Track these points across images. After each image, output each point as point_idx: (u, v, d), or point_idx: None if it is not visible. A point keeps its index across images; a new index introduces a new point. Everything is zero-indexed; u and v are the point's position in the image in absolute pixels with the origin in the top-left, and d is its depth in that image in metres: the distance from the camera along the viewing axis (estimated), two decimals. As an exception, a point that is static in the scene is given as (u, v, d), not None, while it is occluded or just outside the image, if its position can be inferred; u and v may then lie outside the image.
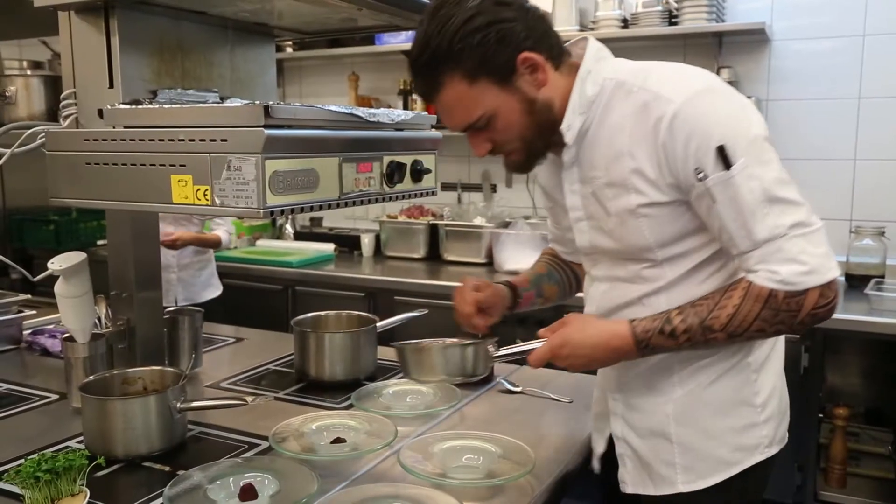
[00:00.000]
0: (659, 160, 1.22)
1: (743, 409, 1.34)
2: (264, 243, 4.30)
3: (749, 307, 1.20)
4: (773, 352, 1.39)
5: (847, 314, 2.75)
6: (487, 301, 1.55)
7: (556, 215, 1.57)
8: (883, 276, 3.12)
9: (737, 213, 1.18)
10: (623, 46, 3.76)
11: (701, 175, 1.18)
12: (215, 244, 3.45)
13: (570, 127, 1.30)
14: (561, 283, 1.66)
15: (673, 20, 3.45)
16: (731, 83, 3.39)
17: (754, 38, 3.47)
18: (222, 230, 3.46)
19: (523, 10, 1.25)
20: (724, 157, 1.16)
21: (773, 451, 1.38)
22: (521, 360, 1.37)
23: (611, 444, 1.48)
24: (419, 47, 1.25)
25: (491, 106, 1.26)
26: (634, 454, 1.41)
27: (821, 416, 2.96)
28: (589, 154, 1.32)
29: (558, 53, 1.30)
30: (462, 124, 1.30)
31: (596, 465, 1.53)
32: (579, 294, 1.61)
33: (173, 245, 3.27)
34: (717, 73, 3.44)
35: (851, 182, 3.38)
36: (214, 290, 3.56)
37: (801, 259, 1.16)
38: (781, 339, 1.42)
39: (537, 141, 1.32)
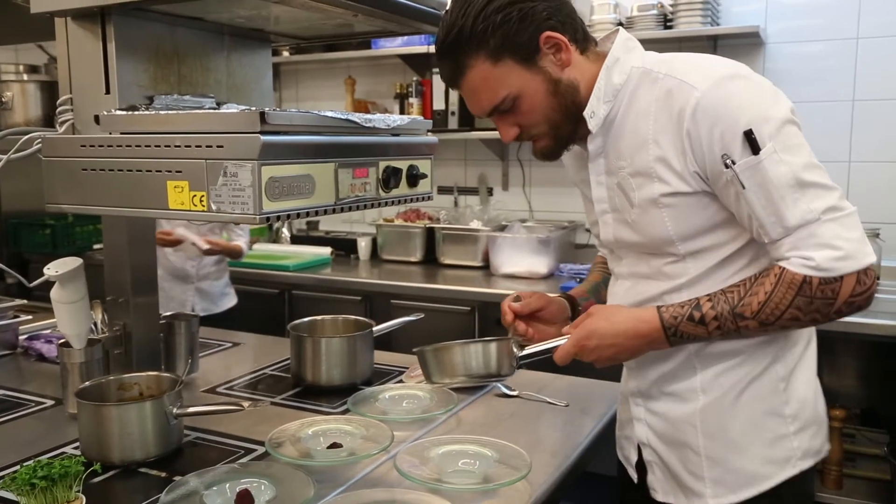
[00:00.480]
0: (684, 148, 1.21)
1: (772, 421, 1.31)
2: (261, 247, 4.29)
3: (782, 294, 1.17)
4: (802, 360, 1.35)
5: (842, 316, 2.75)
6: (530, 305, 1.51)
7: (588, 212, 1.53)
8: (878, 278, 3.12)
9: (767, 200, 1.16)
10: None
11: (728, 161, 1.16)
12: (238, 254, 3.43)
13: (594, 114, 1.30)
14: None
15: (668, 23, 3.46)
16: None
17: (749, 41, 3.48)
18: (242, 241, 3.44)
19: None
20: (751, 142, 1.14)
21: (808, 463, 1.33)
22: (548, 358, 1.33)
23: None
24: (444, 31, 1.27)
25: (515, 86, 1.27)
26: (662, 462, 1.40)
27: (817, 418, 2.96)
28: (615, 144, 1.31)
29: (583, 38, 1.31)
30: (488, 107, 1.30)
31: (633, 474, 1.49)
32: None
33: (210, 252, 3.30)
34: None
35: (846, 184, 3.39)
36: (231, 300, 3.54)
37: (836, 244, 1.14)
38: (813, 346, 1.39)
39: (564, 124, 1.32)
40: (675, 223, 1.26)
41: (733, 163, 1.16)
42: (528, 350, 1.34)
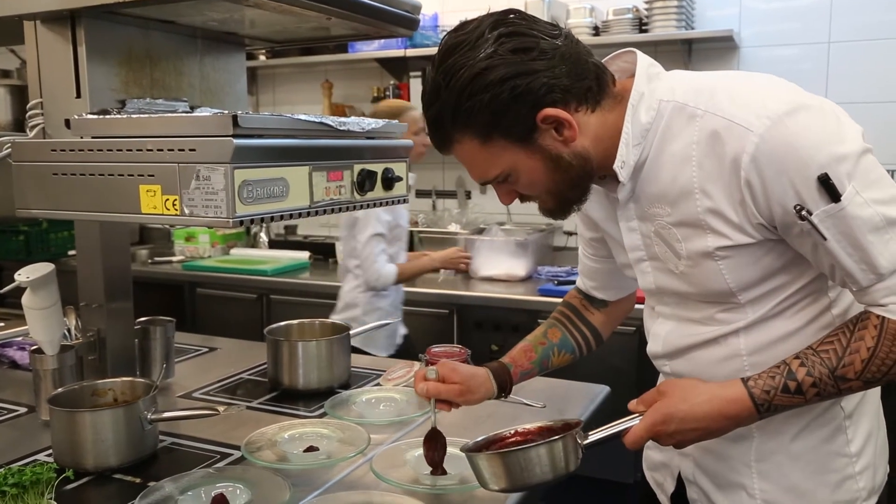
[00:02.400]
0: (742, 200, 1.05)
1: (836, 461, 1.19)
2: (238, 252, 4.28)
3: (888, 348, 1.03)
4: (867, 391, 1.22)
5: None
6: (445, 392, 1.36)
7: (596, 248, 1.45)
8: None
9: (853, 248, 1.02)
10: (595, 54, 3.79)
11: (803, 212, 1.02)
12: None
13: (624, 164, 1.14)
14: (575, 350, 1.51)
15: (643, 27, 3.49)
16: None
17: (723, 45, 3.52)
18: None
19: (548, 55, 1.07)
20: (828, 188, 1.00)
21: (872, 502, 1.22)
22: (617, 441, 1.16)
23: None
24: (427, 98, 1.12)
25: (509, 164, 1.13)
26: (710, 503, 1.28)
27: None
28: (647, 188, 1.16)
29: (597, 88, 1.13)
30: (480, 180, 1.19)
31: (665, 503, 1.39)
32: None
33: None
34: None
35: (819, 186, 3.44)
36: None
37: None
38: None
39: (570, 192, 1.17)
40: (734, 274, 1.12)
41: (809, 213, 1.01)
42: (594, 437, 1.16)
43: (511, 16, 1.09)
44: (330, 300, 3.55)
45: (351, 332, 2.01)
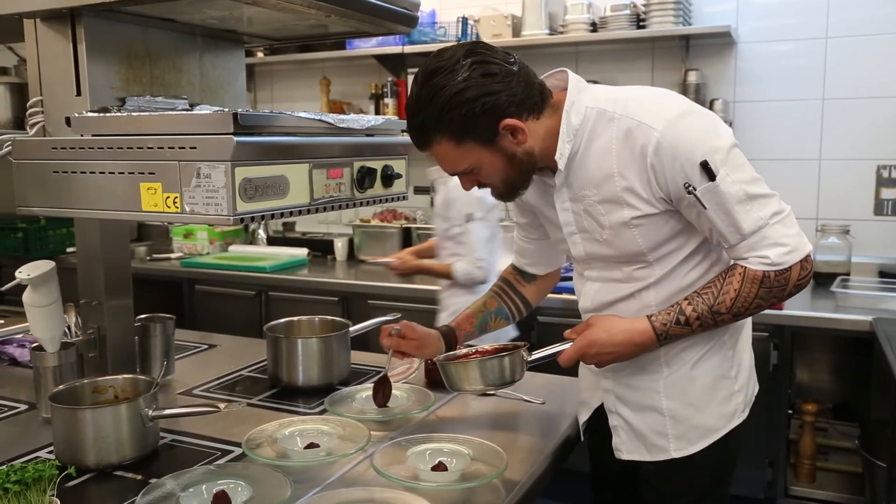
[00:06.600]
0: (649, 179, 1.36)
1: (723, 382, 1.52)
2: (237, 248, 4.28)
3: (748, 289, 1.37)
4: (743, 327, 1.57)
5: (814, 311, 2.80)
6: (404, 346, 1.72)
7: (527, 230, 1.75)
8: (848, 274, 3.18)
9: (725, 214, 1.34)
10: (592, 50, 3.80)
11: (690, 188, 1.33)
12: (445, 275, 2.86)
13: (562, 155, 1.42)
14: (509, 317, 1.82)
15: (641, 24, 3.49)
16: (698, 85, 3.46)
17: (720, 41, 3.52)
18: (462, 261, 2.82)
19: (508, 78, 1.34)
20: (707, 171, 1.32)
21: (745, 414, 1.56)
22: (551, 361, 1.49)
23: (595, 416, 1.65)
24: (412, 109, 1.37)
25: (475, 160, 1.39)
26: (628, 426, 1.57)
27: (790, 412, 3.00)
28: (578, 176, 1.45)
29: (540, 102, 1.41)
30: (451, 172, 1.45)
31: (581, 435, 1.70)
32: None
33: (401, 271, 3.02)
34: (685, 75, 3.49)
35: (817, 181, 3.44)
36: None
37: (783, 242, 1.35)
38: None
39: (518, 180, 1.45)
40: (645, 238, 1.43)
41: (695, 189, 1.33)
42: (536, 355, 1.49)
43: (478, 47, 1.35)
44: (329, 297, 3.56)
45: (351, 328, 2.01)
